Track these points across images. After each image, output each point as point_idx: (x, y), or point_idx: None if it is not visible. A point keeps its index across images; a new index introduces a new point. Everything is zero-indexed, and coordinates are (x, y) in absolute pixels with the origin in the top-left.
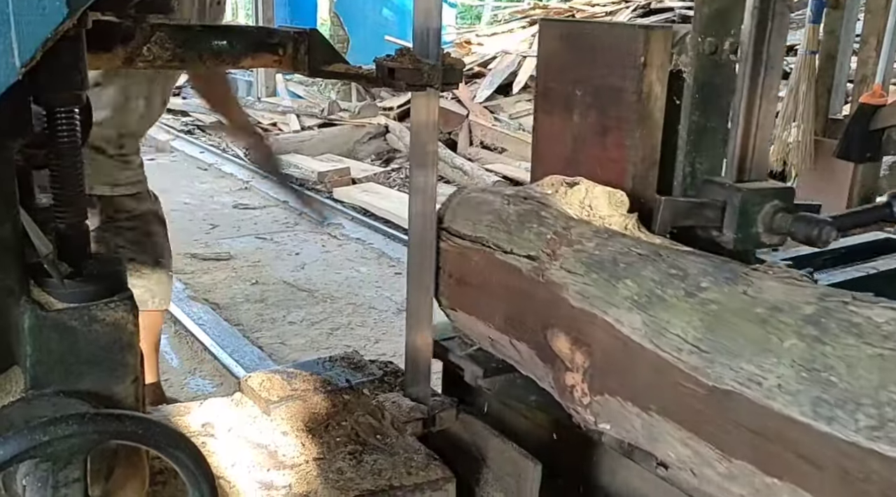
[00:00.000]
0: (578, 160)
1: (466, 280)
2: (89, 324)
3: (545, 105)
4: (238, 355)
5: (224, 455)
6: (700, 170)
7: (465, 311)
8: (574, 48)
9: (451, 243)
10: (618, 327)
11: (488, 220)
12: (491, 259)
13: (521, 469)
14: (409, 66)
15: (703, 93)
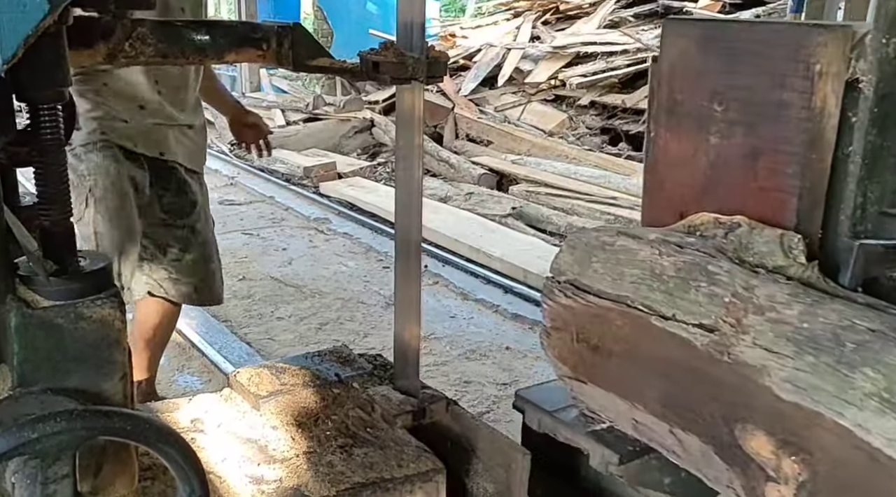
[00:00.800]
0: (717, 190)
1: (604, 348)
2: (76, 321)
3: (670, 121)
4: (226, 351)
5: (214, 450)
6: (871, 200)
7: (599, 384)
8: (714, 53)
9: (581, 301)
10: (860, 435)
11: (635, 275)
12: (643, 325)
13: (510, 459)
14: (394, 59)
15: (883, 106)
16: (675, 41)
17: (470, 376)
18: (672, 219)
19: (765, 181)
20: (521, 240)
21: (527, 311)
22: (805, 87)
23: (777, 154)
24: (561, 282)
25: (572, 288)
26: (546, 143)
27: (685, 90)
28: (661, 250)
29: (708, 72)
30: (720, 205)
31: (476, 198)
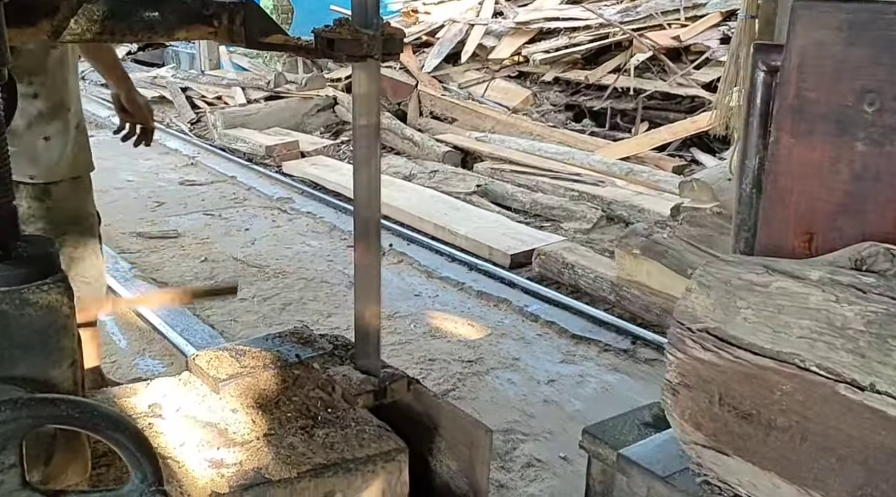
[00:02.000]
0: (863, 208)
1: (762, 417)
2: (21, 307)
3: (798, 125)
4: (188, 334)
5: (172, 435)
6: None
7: (752, 461)
8: (865, 43)
9: (727, 356)
10: None
11: (807, 328)
12: (824, 395)
13: (473, 437)
14: (348, 36)
15: None
16: (810, 29)
17: (434, 354)
18: (798, 239)
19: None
20: (486, 217)
21: (492, 288)
22: None
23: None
24: (695, 330)
25: (713, 339)
26: (510, 119)
27: (822, 87)
28: (838, 295)
29: (855, 65)
30: (868, 227)
31: (440, 176)
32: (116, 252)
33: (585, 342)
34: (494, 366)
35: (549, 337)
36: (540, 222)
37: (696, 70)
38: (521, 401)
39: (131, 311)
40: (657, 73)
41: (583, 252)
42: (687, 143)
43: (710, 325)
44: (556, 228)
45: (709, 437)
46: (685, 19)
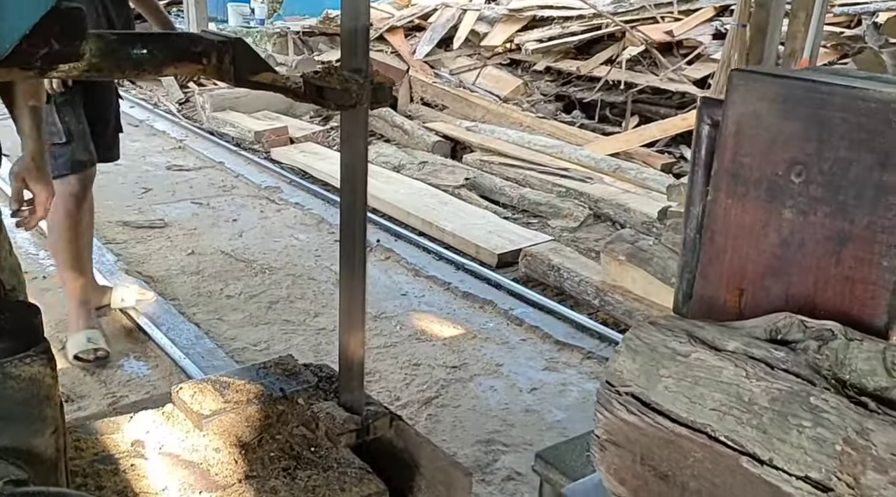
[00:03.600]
0: (789, 272)
1: (677, 480)
2: (4, 381)
3: (734, 187)
4: (174, 334)
5: (155, 477)
6: None
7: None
8: (796, 116)
9: (648, 421)
10: None
11: (718, 401)
12: (730, 466)
13: (451, 478)
14: (337, 86)
15: None
16: (746, 98)
17: (419, 358)
18: (731, 295)
19: (851, 271)
20: (474, 213)
21: (478, 289)
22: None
23: (872, 243)
24: (622, 393)
25: (637, 403)
26: (500, 109)
27: (756, 155)
28: (749, 370)
29: (787, 137)
30: (791, 289)
31: (430, 167)
32: (102, 242)
33: (569, 349)
34: (478, 372)
35: (533, 342)
36: (527, 218)
37: (687, 65)
38: (502, 410)
39: (117, 310)
40: (648, 66)
41: (568, 254)
42: (676, 139)
43: (634, 390)
44: (544, 226)
45: (631, 492)
46: (678, 13)
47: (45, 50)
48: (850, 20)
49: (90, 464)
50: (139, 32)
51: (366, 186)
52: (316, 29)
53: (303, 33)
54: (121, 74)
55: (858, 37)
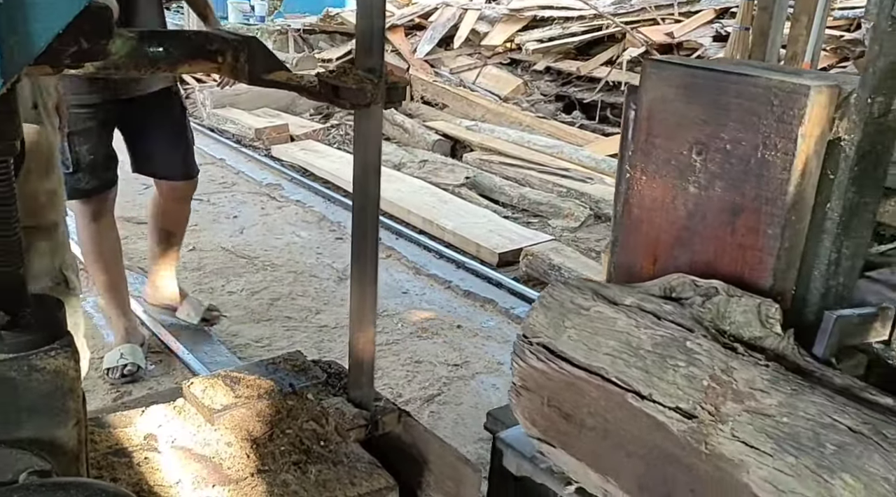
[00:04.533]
0: (694, 242)
1: (577, 418)
2: (29, 373)
3: (646, 164)
4: (177, 329)
5: (168, 470)
6: (845, 255)
7: (571, 453)
8: (697, 101)
9: (555, 367)
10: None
11: (612, 347)
12: (619, 402)
13: (460, 474)
14: (353, 85)
15: (864, 164)
16: (656, 84)
17: (421, 356)
18: (646, 261)
19: (743, 238)
20: (475, 212)
21: (478, 288)
22: (788, 149)
23: (757, 213)
24: (534, 343)
25: (546, 352)
26: (500, 109)
27: (664, 136)
28: (639, 320)
29: (689, 121)
30: (695, 256)
31: (430, 165)
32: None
33: None
34: (479, 370)
35: None
36: (528, 218)
37: None
38: None
39: None
40: None
41: (569, 253)
42: None
43: (544, 341)
44: (544, 225)
45: (542, 432)
46: (679, 14)
47: (74, 48)
48: (850, 24)
49: (104, 456)
50: (155, 30)
51: (379, 185)
52: (316, 26)
53: (303, 31)
54: (137, 71)
55: (858, 41)
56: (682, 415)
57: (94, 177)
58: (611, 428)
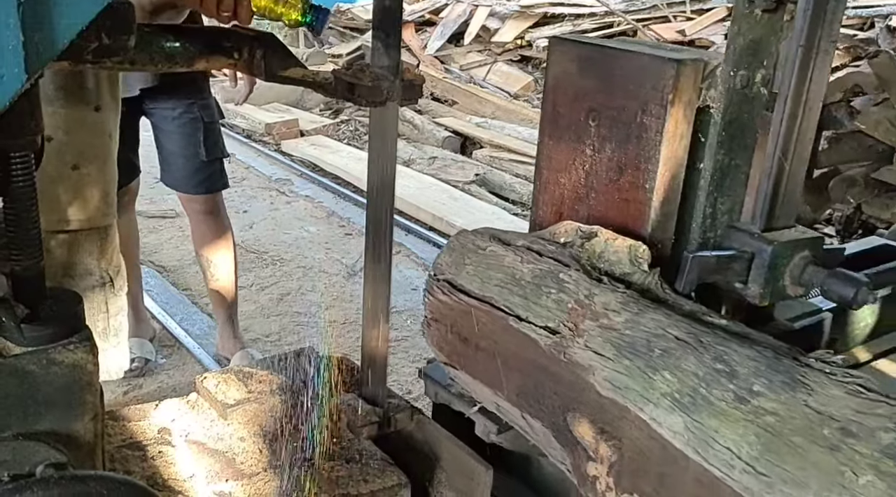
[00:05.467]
0: (590, 198)
1: (472, 342)
2: (48, 367)
3: (553, 130)
4: (187, 324)
5: (182, 465)
6: (721, 211)
7: (469, 373)
8: (591, 74)
9: (455, 299)
10: (655, 427)
11: (499, 279)
12: (503, 325)
13: (472, 472)
14: (369, 83)
15: (730, 129)
16: (559, 59)
17: (431, 353)
18: (553, 217)
19: (627, 193)
20: (484, 209)
21: None
22: (660, 113)
23: (638, 170)
24: (440, 280)
25: (448, 286)
26: (511, 106)
27: (566, 104)
28: (523, 257)
29: (585, 90)
30: (591, 210)
31: (440, 162)
32: None
33: None
34: None
35: None
36: None
37: None
38: None
39: None
40: None
41: None
42: None
43: (448, 277)
44: None
45: (447, 357)
46: (691, 12)
47: (95, 44)
48: (864, 22)
49: (118, 449)
50: (172, 25)
51: (394, 183)
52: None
53: None
54: (153, 67)
55: (871, 40)
56: (549, 332)
57: None
58: (498, 348)
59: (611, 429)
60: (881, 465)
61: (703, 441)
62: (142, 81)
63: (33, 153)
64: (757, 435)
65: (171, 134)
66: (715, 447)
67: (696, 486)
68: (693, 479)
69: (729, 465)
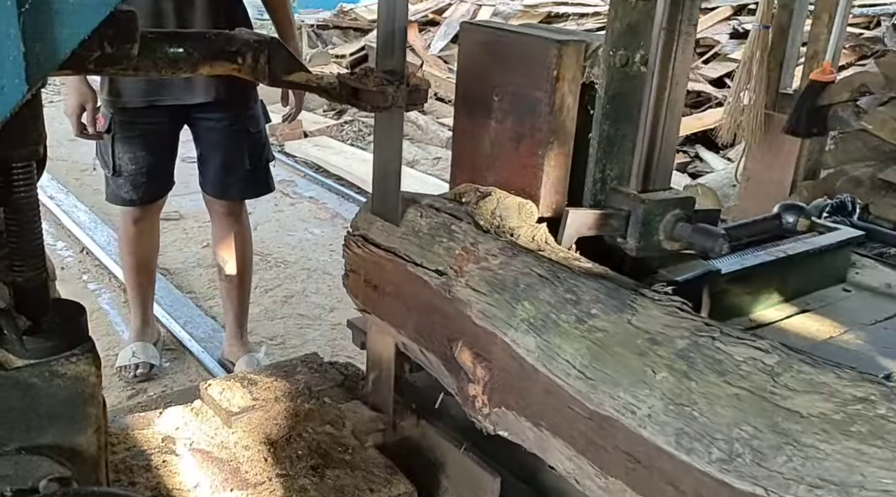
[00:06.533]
0: (496, 165)
1: (380, 287)
2: (50, 379)
3: (465, 107)
4: (191, 327)
5: (187, 474)
6: (610, 176)
7: (379, 315)
8: (493, 55)
9: (367, 251)
10: (514, 348)
11: (402, 232)
12: (403, 271)
13: (479, 480)
14: (374, 88)
15: (614, 103)
16: (468, 43)
17: None
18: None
19: (526, 159)
20: None
21: None
22: (548, 89)
23: (533, 139)
24: (355, 235)
25: (362, 240)
26: None
27: (474, 83)
28: (424, 212)
29: (489, 70)
30: (497, 176)
31: (444, 163)
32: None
33: None
34: None
35: None
36: None
37: (704, 64)
38: None
39: None
40: None
41: None
42: (691, 138)
43: (362, 232)
44: None
45: (362, 303)
46: None
47: (98, 53)
48: (870, 21)
49: (123, 459)
50: (175, 30)
51: (399, 188)
52: (330, 22)
53: (317, 26)
54: (157, 72)
55: (878, 38)
56: (438, 274)
57: (134, 188)
58: (399, 291)
59: (484, 353)
60: (674, 364)
61: (549, 356)
62: (198, 95)
63: (35, 163)
64: (588, 348)
65: (215, 145)
66: (558, 360)
67: (544, 395)
68: (542, 389)
69: (567, 374)
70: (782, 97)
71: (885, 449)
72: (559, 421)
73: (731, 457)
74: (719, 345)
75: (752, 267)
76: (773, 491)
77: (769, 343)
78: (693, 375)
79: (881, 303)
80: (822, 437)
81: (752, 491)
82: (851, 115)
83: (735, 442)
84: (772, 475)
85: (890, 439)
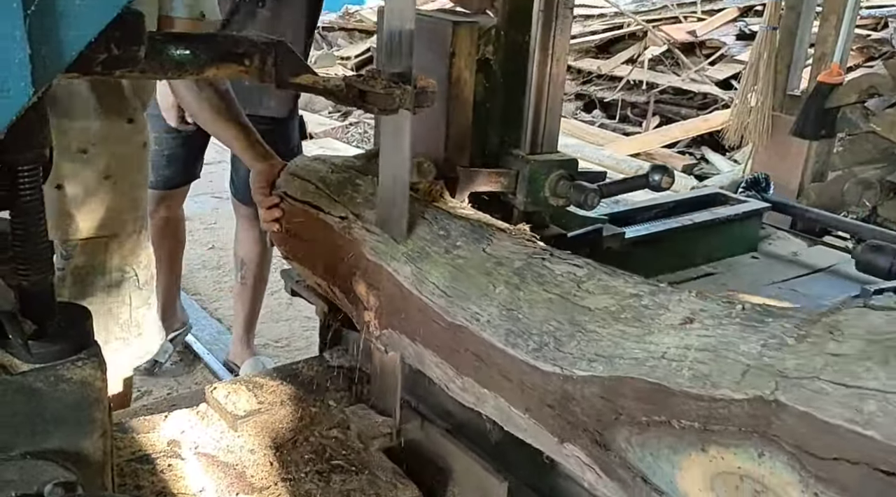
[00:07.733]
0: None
1: (298, 235)
2: (56, 384)
3: None
4: (197, 329)
5: (192, 478)
6: (508, 142)
7: (298, 262)
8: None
9: (287, 204)
10: (396, 276)
11: (314, 186)
12: (315, 219)
13: (486, 485)
14: (381, 91)
15: (507, 78)
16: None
17: None
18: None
19: (432, 125)
20: None
21: None
22: (446, 64)
23: (434, 109)
24: (278, 193)
25: (285, 195)
26: None
27: None
28: (333, 168)
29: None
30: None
31: None
32: None
33: None
34: None
35: None
36: None
37: (710, 66)
38: None
39: None
40: (670, 66)
41: None
42: (697, 140)
43: (283, 190)
44: None
45: (287, 252)
46: (701, 13)
47: (104, 55)
48: (878, 23)
49: (128, 463)
50: (182, 33)
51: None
52: (335, 24)
53: (322, 28)
54: (163, 75)
55: (885, 40)
56: (340, 219)
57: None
58: (313, 237)
59: (375, 283)
60: (510, 280)
61: (421, 281)
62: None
63: (41, 166)
64: (450, 272)
65: None
66: (427, 283)
67: (418, 314)
68: (416, 309)
69: (432, 293)
70: (790, 99)
71: (640, 328)
72: (428, 333)
73: (541, 346)
74: (547, 264)
75: (658, 232)
76: (566, 368)
77: (584, 261)
78: (522, 287)
79: (784, 268)
80: (601, 324)
81: (553, 370)
82: (860, 117)
83: (544, 334)
84: (565, 356)
85: (645, 322)
